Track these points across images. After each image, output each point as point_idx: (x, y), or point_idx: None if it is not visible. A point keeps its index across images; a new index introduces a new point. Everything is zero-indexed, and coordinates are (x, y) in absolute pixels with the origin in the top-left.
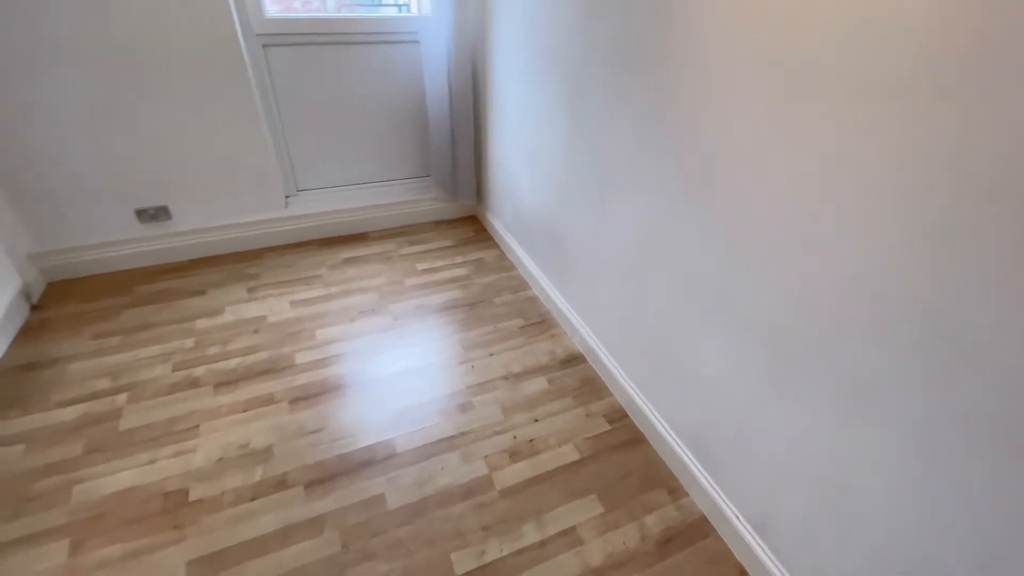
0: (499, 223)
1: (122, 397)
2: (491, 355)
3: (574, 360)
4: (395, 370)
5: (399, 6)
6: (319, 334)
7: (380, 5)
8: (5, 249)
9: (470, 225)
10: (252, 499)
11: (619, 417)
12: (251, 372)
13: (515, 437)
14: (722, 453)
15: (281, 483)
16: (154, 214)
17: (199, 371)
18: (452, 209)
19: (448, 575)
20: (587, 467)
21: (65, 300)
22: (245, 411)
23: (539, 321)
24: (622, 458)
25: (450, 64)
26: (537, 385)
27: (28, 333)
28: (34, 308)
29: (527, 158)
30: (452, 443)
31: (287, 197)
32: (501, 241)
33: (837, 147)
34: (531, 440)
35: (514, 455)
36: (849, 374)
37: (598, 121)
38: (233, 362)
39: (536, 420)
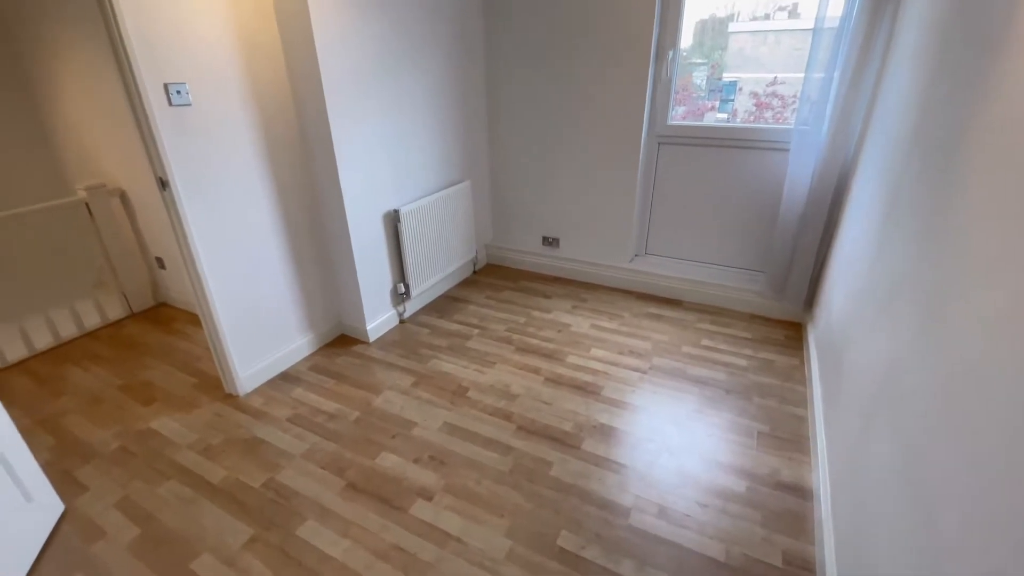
0: (812, 336)
1: (476, 331)
2: (708, 436)
3: (794, 491)
4: (620, 398)
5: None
6: (593, 351)
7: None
8: (477, 236)
9: (784, 329)
10: (490, 413)
11: (800, 568)
12: (538, 351)
13: (675, 506)
14: None
15: (507, 416)
16: (551, 241)
17: (515, 336)
18: (774, 308)
19: (552, 542)
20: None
21: (487, 274)
22: (520, 369)
23: (787, 439)
24: None
25: (814, 176)
26: (732, 483)
27: (465, 283)
28: (475, 272)
29: (848, 266)
30: (619, 470)
31: (635, 255)
32: (807, 355)
33: None
34: (687, 515)
35: (660, 513)
36: None
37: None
38: (534, 340)
39: (704, 505)
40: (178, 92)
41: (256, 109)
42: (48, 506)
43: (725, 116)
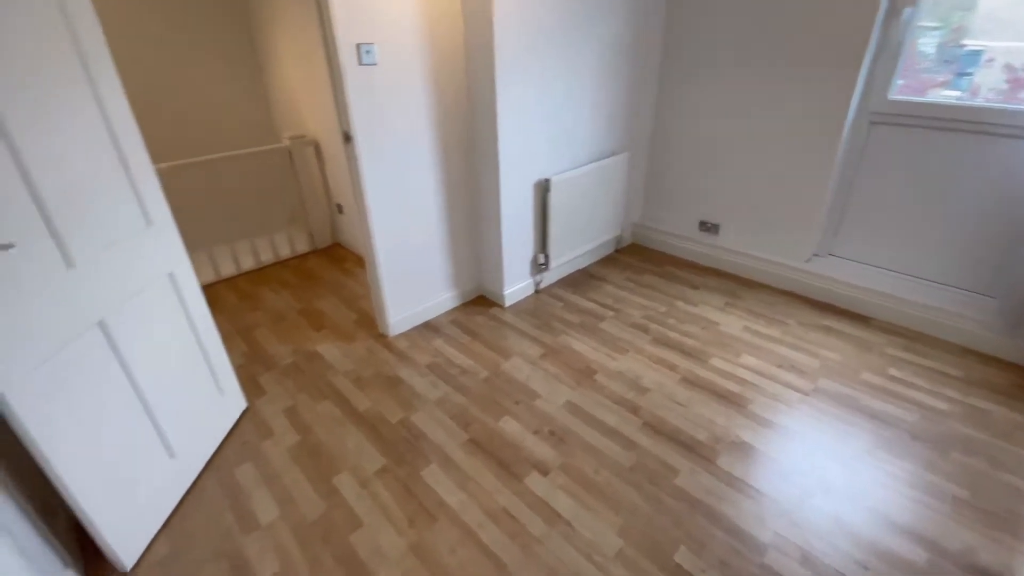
0: None
1: (611, 313)
2: (882, 486)
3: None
4: (770, 417)
5: None
6: (743, 358)
7: None
8: (625, 212)
9: (1011, 375)
10: (616, 402)
11: None
12: (678, 345)
13: (824, 557)
14: None
15: (634, 409)
16: (710, 227)
17: (653, 325)
18: (1001, 346)
19: (668, 555)
20: None
21: (629, 254)
22: (654, 362)
23: (994, 513)
24: None
25: None
26: (907, 550)
27: (606, 260)
28: (616, 250)
29: None
30: (757, 498)
31: (814, 255)
32: None
33: None
34: (841, 572)
35: (804, 560)
36: None
37: None
38: (674, 334)
39: (865, 567)
40: (367, 52)
41: (431, 74)
42: (235, 402)
43: (958, 93)
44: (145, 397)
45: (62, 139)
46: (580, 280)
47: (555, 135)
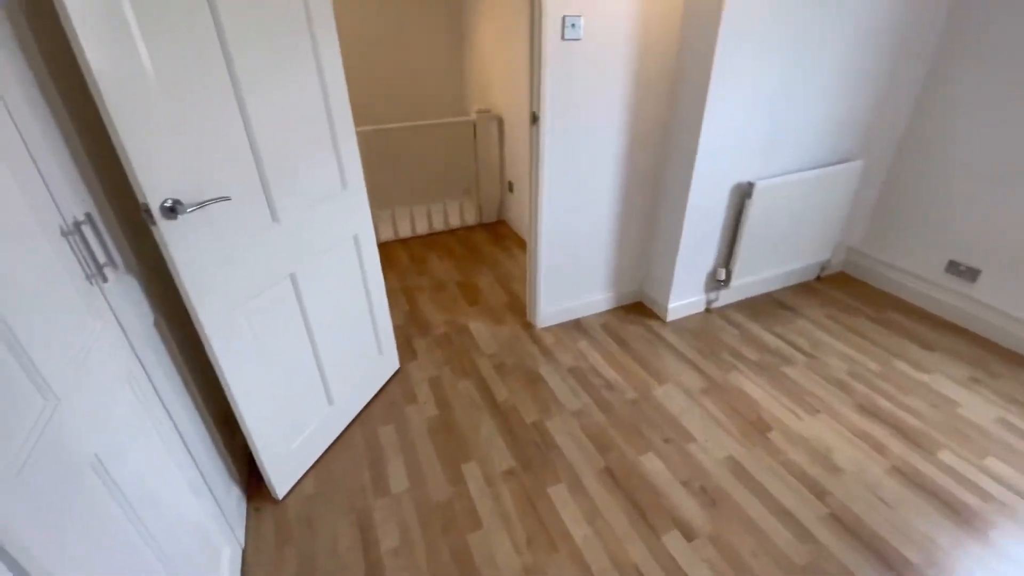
0: None
1: (801, 357)
2: None
3: None
4: (1018, 556)
5: None
6: (989, 460)
7: None
8: (840, 234)
9: None
10: (795, 475)
11: None
12: (892, 421)
13: None
14: None
15: (819, 492)
16: (964, 271)
17: (859, 386)
18: None
19: None
20: None
21: (836, 286)
22: (855, 435)
23: None
24: None
25: None
26: None
27: (802, 288)
28: (818, 278)
29: None
30: None
31: None
32: None
33: None
34: None
35: None
36: None
37: None
38: (888, 404)
39: None
40: (572, 25)
41: (636, 48)
42: (390, 362)
43: None
44: (317, 347)
45: (282, 98)
46: (765, 307)
47: (770, 130)
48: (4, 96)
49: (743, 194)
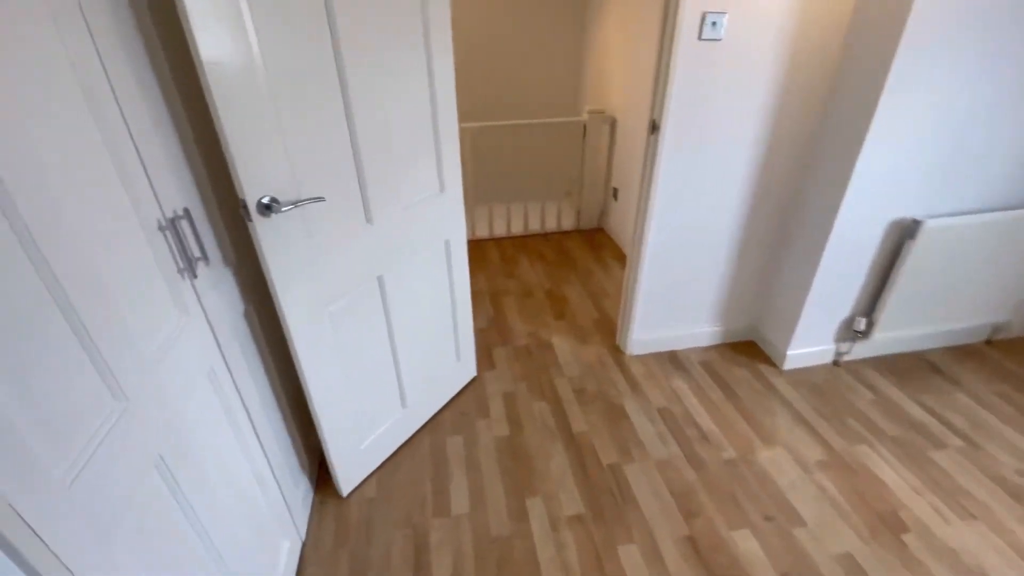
0: None
1: (957, 441)
2: None
3: None
4: None
5: None
6: None
7: None
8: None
9: None
10: None
11: None
12: None
13: None
14: None
15: None
16: None
17: None
18: None
19: None
20: None
21: (1013, 354)
22: (1019, 555)
23: None
24: None
25: None
26: None
27: (965, 352)
28: (988, 341)
29: None
30: None
31: None
32: None
33: None
34: None
35: None
36: None
37: None
38: None
39: None
40: (713, 24)
41: (786, 53)
42: (467, 370)
43: None
44: (397, 349)
45: (391, 105)
46: (913, 369)
47: (948, 160)
48: (115, 88)
49: (904, 232)
